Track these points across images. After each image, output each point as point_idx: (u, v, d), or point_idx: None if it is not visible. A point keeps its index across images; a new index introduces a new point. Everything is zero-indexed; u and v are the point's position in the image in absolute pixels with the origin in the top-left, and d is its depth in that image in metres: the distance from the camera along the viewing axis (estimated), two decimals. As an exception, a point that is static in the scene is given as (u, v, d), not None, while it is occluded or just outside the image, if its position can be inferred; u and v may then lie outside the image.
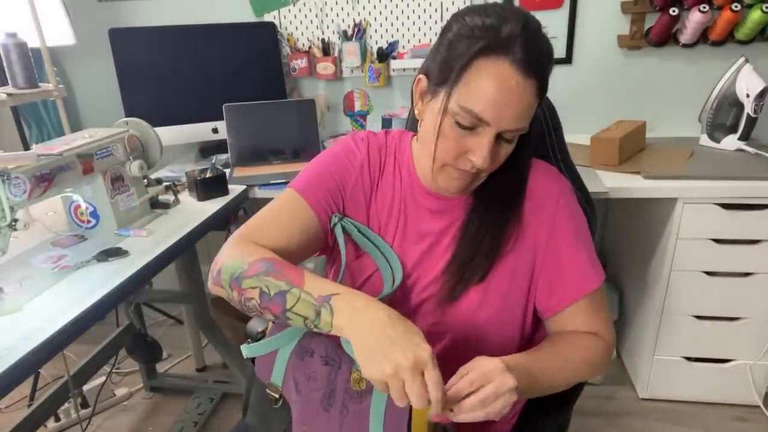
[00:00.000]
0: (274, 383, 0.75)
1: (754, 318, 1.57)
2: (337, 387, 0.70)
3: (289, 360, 0.74)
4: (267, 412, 0.76)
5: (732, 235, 1.49)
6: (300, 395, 0.72)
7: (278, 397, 0.75)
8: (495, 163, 0.73)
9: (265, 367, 0.76)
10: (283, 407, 0.75)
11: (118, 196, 1.29)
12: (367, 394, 0.68)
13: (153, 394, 1.96)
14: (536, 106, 0.70)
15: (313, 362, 0.73)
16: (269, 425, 0.76)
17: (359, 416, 0.68)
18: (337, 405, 0.70)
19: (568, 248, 0.81)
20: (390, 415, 0.66)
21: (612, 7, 1.86)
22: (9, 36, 1.59)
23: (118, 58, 1.85)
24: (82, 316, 0.93)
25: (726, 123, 1.69)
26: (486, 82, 0.66)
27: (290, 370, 0.74)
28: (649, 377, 1.72)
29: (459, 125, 0.70)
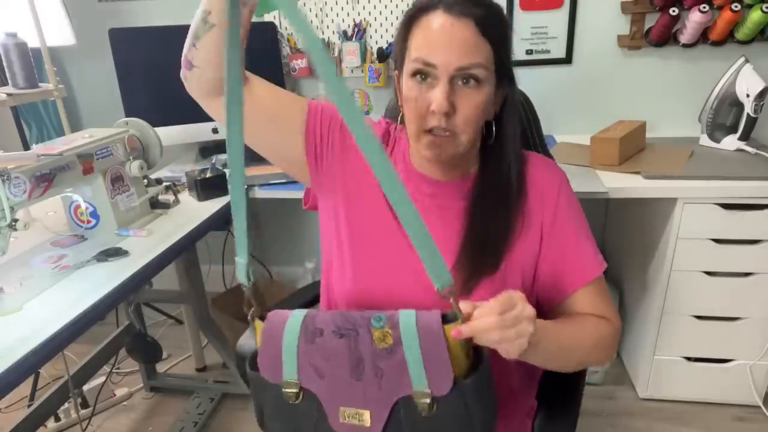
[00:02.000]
0: (288, 380, 0.69)
1: (754, 318, 1.57)
2: (362, 354, 0.66)
3: (297, 349, 0.69)
4: (289, 412, 0.70)
5: (732, 235, 1.49)
6: (324, 378, 0.68)
7: (298, 391, 0.69)
8: (463, 114, 0.73)
9: (273, 368, 0.70)
10: (306, 400, 0.69)
11: (118, 196, 1.29)
12: (398, 346, 0.65)
13: (153, 394, 1.95)
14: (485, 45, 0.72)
15: (326, 341, 0.68)
16: (297, 425, 0.71)
17: (396, 370, 0.65)
18: (368, 371, 0.66)
19: (571, 235, 0.83)
20: (427, 355, 0.63)
21: (612, 7, 1.86)
22: (9, 36, 1.59)
23: (118, 58, 1.84)
24: (82, 316, 0.93)
25: (726, 123, 1.69)
26: (424, 31, 0.73)
27: (303, 359, 0.69)
28: (649, 377, 1.72)
29: (415, 79, 0.74)
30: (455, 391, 0.63)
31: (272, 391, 0.71)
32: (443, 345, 0.63)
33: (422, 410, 0.64)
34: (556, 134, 1.96)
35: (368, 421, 0.66)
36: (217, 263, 2.30)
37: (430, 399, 0.63)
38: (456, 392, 0.63)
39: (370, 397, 0.66)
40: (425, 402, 0.63)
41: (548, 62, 1.93)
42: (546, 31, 1.91)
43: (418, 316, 0.65)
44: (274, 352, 0.70)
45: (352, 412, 0.67)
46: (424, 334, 0.63)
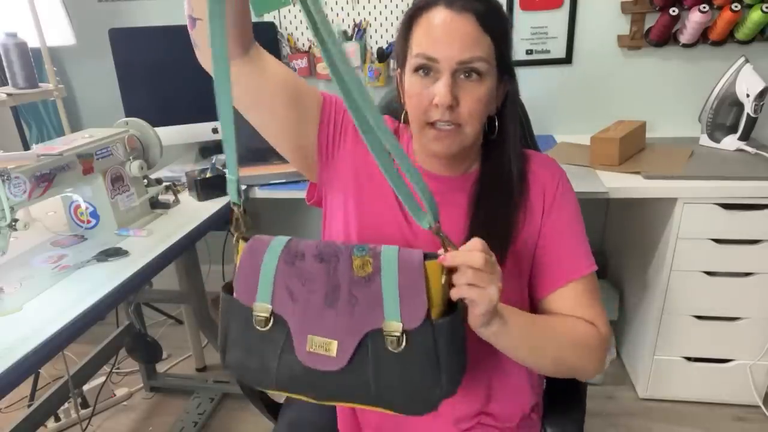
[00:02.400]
0: (261, 302, 0.67)
1: (754, 318, 1.57)
2: (339, 280, 0.65)
3: (276, 270, 0.67)
4: (255, 339, 0.67)
5: (732, 235, 1.49)
6: (297, 302, 0.66)
7: (268, 316, 0.66)
8: (466, 107, 0.74)
9: (248, 288, 0.68)
10: (276, 327, 0.66)
11: (118, 196, 1.29)
12: (376, 275, 0.64)
13: (153, 394, 1.96)
14: (486, 40, 0.73)
15: (305, 264, 0.66)
16: (260, 353, 0.67)
17: (371, 300, 0.64)
18: (343, 298, 0.64)
19: (566, 232, 0.83)
20: (405, 287, 0.63)
21: (612, 7, 1.86)
22: (9, 36, 1.59)
23: (118, 58, 1.84)
24: (82, 316, 0.93)
25: (726, 123, 1.69)
26: (425, 27, 0.74)
27: (280, 280, 0.66)
28: (649, 377, 1.72)
29: (418, 74, 0.75)
30: (426, 327, 0.62)
31: (242, 315, 0.68)
32: (422, 279, 0.62)
33: (390, 345, 0.62)
34: (556, 134, 1.96)
35: (335, 351, 0.64)
36: (217, 263, 2.30)
37: (401, 332, 0.62)
38: (427, 328, 0.62)
39: (340, 326, 0.64)
40: (395, 336, 0.62)
41: (548, 62, 1.93)
42: (546, 31, 1.91)
43: (401, 250, 0.65)
44: (251, 273, 0.68)
45: (320, 341, 0.65)
46: (405, 266, 0.63)
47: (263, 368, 0.67)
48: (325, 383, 0.65)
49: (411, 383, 0.63)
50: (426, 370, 0.63)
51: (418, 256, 0.63)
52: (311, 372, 0.65)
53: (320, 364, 0.64)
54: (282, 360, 0.66)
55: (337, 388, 0.66)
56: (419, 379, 0.63)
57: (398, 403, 0.65)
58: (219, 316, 0.70)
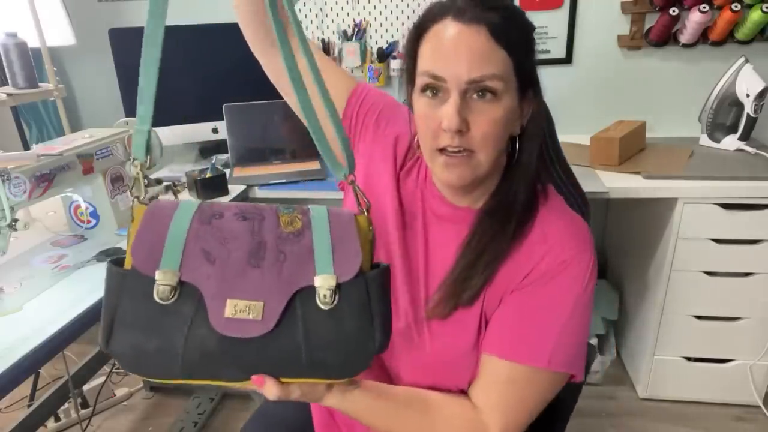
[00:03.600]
0: (166, 269, 0.56)
1: (754, 318, 1.57)
2: (265, 238, 0.58)
3: (188, 231, 0.57)
4: (154, 315, 0.56)
5: (732, 235, 1.49)
6: (215, 264, 0.57)
7: (175, 285, 0.55)
8: (479, 130, 0.67)
9: (149, 255, 0.56)
10: (183, 299, 0.56)
11: (118, 196, 1.29)
12: (306, 230, 0.59)
13: (153, 394, 1.96)
14: (500, 54, 0.65)
15: (225, 222, 0.59)
16: (161, 331, 0.56)
17: (301, 255, 0.58)
18: (269, 256, 0.57)
19: (539, 311, 0.71)
20: (337, 239, 0.59)
21: (612, 7, 1.86)
22: (9, 36, 1.60)
23: (118, 58, 1.84)
24: (82, 316, 0.93)
25: (726, 123, 1.69)
26: (432, 42, 0.68)
27: (193, 242, 0.57)
28: (649, 377, 1.72)
29: (425, 95, 0.69)
30: (360, 279, 0.58)
31: (138, 289, 0.56)
32: (354, 230, 0.60)
33: (323, 302, 0.57)
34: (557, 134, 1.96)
35: (260, 313, 0.56)
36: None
37: (334, 287, 0.57)
38: (360, 279, 0.58)
39: (266, 286, 0.57)
40: (327, 291, 0.57)
41: (548, 62, 1.93)
42: (546, 31, 1.91)
43: (329, 207, 0.62)
44: (154, 236, 0.57)
45: (243, 305, 0.56)
46: (336, 219, 0.60)
47: (165, 349, 0.55)
48: (247, 354, 0.56)
49: (345, 340, 0.58)
50: (361, 323, 0.58)
51: (349, 211, 0.62)
52: (229, 343, 0.55)
53: (242, 330, 0.55)
54: (191, 335, 0.55)
55: (262, 359, 0.57)
56: (354, 334, 0.58)
57: (332, 363, 0.59)
58: (104, 297, 0.56)
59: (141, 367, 0.57)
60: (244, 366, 0.57)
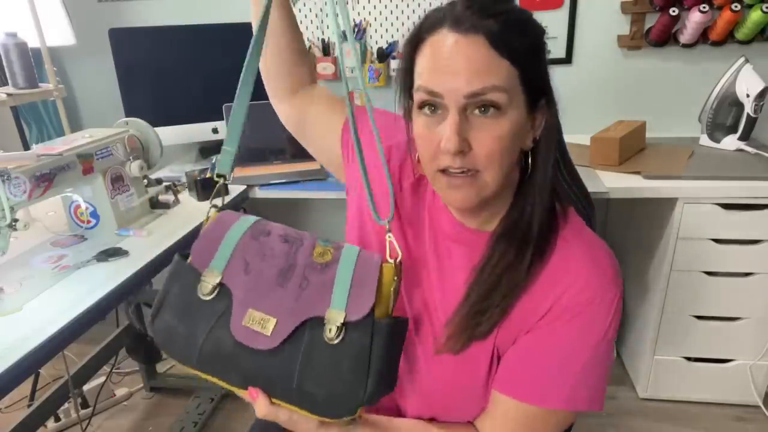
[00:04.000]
0: (213, 268, 0.64)
1: (754, 318, 1.57)
2: (297, 262, 0.63)
3: (239, 241, 0.65)
4: (191, 307, 0.63)
5: (732, 235, 1.49)
6: (249, 274, 0.63)
7: (216, 285, 0.63)
8: (483, 149, 0.61)
9: (204, 254, 0.65)
10: (219, 299, 0.63)
11: (118, 196, 1.29)
12: (334, 264, 0.63)
13: (153, 394, 1.96)
14: (502, 63, 0.59)
15: (269, 240, 0.65)
16: (193, 321, 0.63)
17: (321, 286, 0.62)
18: (295, 279, 0.62)
19: (558, 351, 0.65)
20: (357, 281, 0.62)
21: (612, 7, 1.86)
22: (9, 36, 1.60)
23: (118, 58, 1.85)
24: (82, 316, 0.93)
25: (726, 123, 1.69)
26: (428, 55, 0.62)
27: (239, 252, 0.65)
28: (649, 377, 1.72)
29: (423, 112, 0.63)
30: (367, 322, 0.60)
31: (188, 279, 0.65)
32: (375, 275, 0.62)
33: (327, 335, 0.60)
34: (557, 134, 1.96)
35: (270, 329, 0.61)
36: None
37: (342, 323, 0.59)
38: (367, 323, 0.60)
39: (284, 305, 0.61)
40: (335, 326, 0.59)
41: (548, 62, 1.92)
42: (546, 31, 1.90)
43: (362, 249, 0.65)
44: (213, 240, 0.66)
45: (259, 317, 0.61)
46: (362, 262, 0.63)
47: (189, 338, 0.63)
48: (249, 364, 0.61)
49: (336, 380, 0.60)
50: (356, 368, 0.59)
51: (378, 256, 0.64)
52: (239, 349, 0.61)
53: (252, 340, 0.60)
54: (212, 333, 0.62)
55: (261, 372, 0.61)
56: (346, 376, 0.59)
57: (319, 399, 0.60)
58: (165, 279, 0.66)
59: (168, 347, 0.65)
60: (245, 374, 0.62)
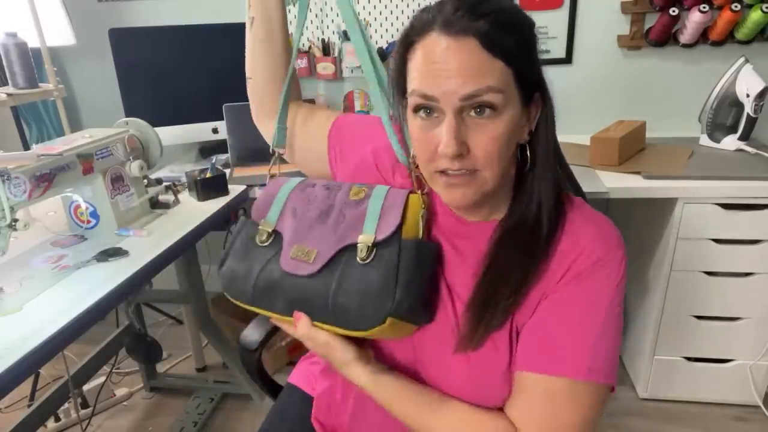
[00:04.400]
0: (268, 219, 0.77)
1: (754, 318, 1.57)
2: (335, 202, 0.74)
3: (289, 194, 0.78)
4: (251, 250, 0.76)
5: (732, 235, 1.49)
6: (296, 218, 0.75)
7: (270, 231, 0.76)
8: (481, 150, 0.61)
9: (262, 209, 0.78)
10: (273, 242, 0.75)
11: (118, 196, 1.29)
12: (366, 199, 0.73)
13: (153, 394, 1.96)
14: (496, 63, 0.59)
15: (314, 190, 0.77)
16: (251, 261, 0.75)
17: (355, 218, 0.71)
18: (333, 216, 0.73)
19: (575, 317, 0.65)
20: (386, 209, 0.70)
21: (612, 7, 1.86)
22: (9, 36, 1.60)
23: (118, 58, 1.84)
24: (82, 316, 0.93)
25: (726, 123, 1.69)
26: (420, 60, 0.62)
27: (290, 202, 0.77)
28: (649, 377, 1.72)
29: (418, 115, 0.63)
30: (394, 241, 0.68)
31: (248, 231, 0.78)
32: (402, 202, 0.70)
33: (359, 257, 0.68)
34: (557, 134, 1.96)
35: (312, 258, 0.70)
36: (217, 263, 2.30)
37: (372, 243, 0.68)
38: (395, 241, 0.68)
39: (324, 238, 0.71)
40: (366, 247, 0.68)
41: (548, 62, 1.93)
42: (546, 31, 1.91)
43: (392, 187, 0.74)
44: (268, 197, 0.79)
45: (304, 249, 0.72)
46: (392, 194, 0.72)
47: (246, 276, 0.74)
48: (293, 289, 0.71)
49: (366, 291, 0.66)
50: (385, 280, 0.66)
51: (405, 190, 0.73)
52: (285, 278, 0.71)
53: (296, 268, 0.71)
54: (264, 270, 0.73)
55: (301, 295, 0.70)
56: (375, 287, 0.66)
57: (350, 310, 0.67)
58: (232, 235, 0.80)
59: (229, 287, 0.77)
60: (289, 299, 0.71)
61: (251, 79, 0.90)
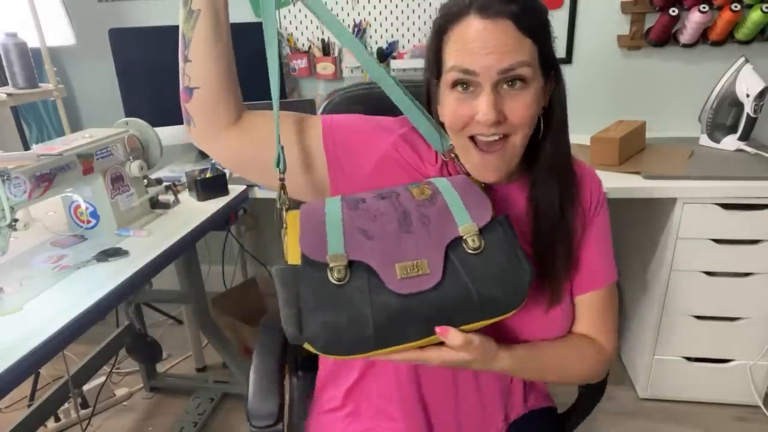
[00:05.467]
0: (334, 252, 0.65)
1: (754, 318, 1.57)
2: (407, 207, 0.70)
3: (342, 218, 0.68)
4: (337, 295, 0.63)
5: (732, 235, 1.49)
6: (374, 239, 0.67)
7: (346, 265, 0.64)
8: (515, 117, 0.70)
9: (316, 245, 0.66)
10: (356, 274, 0.64)
11: (118, 196, 1.29)
12: (437, 195, 0.71)
13: (153, 394, 1.95)
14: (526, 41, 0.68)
15: (369, 205, 0.70)
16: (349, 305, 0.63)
17: (441, 214, 0.69)
18: (416, 221, 0.69)
19: (602, 241, 0.83)
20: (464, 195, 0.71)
21: (612, 7, 1.86)
22: (9, 36, 1.60)
23: (118, 58, 1.84)
24: (82, 316, 0.93)
25: (726, 123, 1.69)
26: (458, 40, 0.69)
27: (349, 225, 0.67)
28: (649, 377, 1.72)
29: (456, 89, 0.70)
30: (495, 222, 0.69)
31: (315, 276, 0.64)
32: (476, 187, 0.73)
33: (471, 248, 0.67)
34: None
35: (427, 268, 0.65)
36: (217, 263, 2.30)
37: (477, 231, 0.68)
38: (495, 222, 0.69)
39: (422, 245, 0.67)
40: (473, 236, 0.67)
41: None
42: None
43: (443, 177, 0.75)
44: (316, 229, 0.67)
45: (410, 265, 0.65)
46: (456, 182, 0.73)
47: (357, 318, 0.62)
48: (425, 306, 0.64)
49: (503, 273, 0.66)
50: (509, 257, 0.67)
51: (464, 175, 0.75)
52: (409, 300, 0.63)
53: (417, 285, 0.64)
54: (374, 302, 0.63)
55: (440, 305, 0.64)
56: (507, 266, 0.67)
57: (500, 296, 0.66)
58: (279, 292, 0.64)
59: (336, 345, 0.63)
60: (425, 319, 0.64)
61: (198, 89, 0.74)
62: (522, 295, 0.67)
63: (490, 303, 0.65)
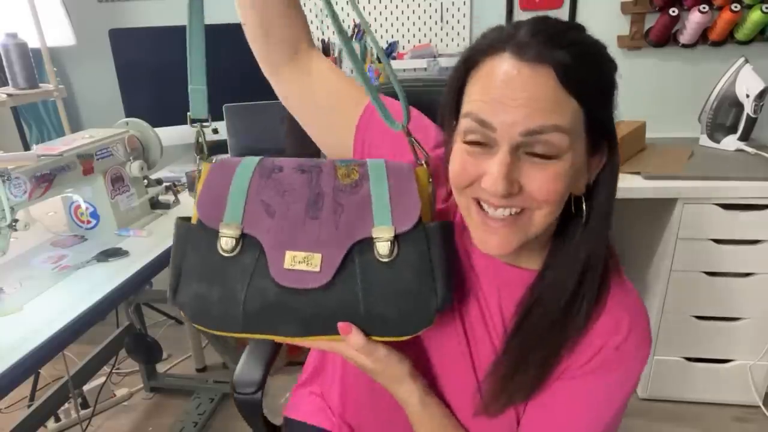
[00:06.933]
0: (229, 221, 0.58)
1: (754, 318, 1.57)
2: (323, 189, 0.59)
3: (250, 184, 0.59)
4: (218, 266, 0.57)
5: (732, 235, 1.49)
6: (274, 217, 0.58)
7: (238, 237, 0.57)
8: (535, 187, 0.53)
9: (213, 207, 0.59)
10: (246, 250, 0.57)
11: (119, 196, 1.29)
12: (364, 180, 0.59)
13: (153, 394, 1.95)
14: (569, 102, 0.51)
15: (284, 175, 0.60)
16: (225, 281, 0.57)
17: (358, 207, 0.58)
18: (327, 207, 0.58)
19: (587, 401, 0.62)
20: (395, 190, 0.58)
21: (612, 7, 1.86)
22: (9, 36, 1.60)
23: (118, 58, 1.84)
24: (82, 316, 0.93)
25: (726, 123, 1.69)
26: (484, 80, 0.54)
27: (254, 195, 0.59)
28: (649, 377, 1.72)
29: (467, 142, 0.55)
30: (419, 230, 0.57)
31: (203, 241, 0.58)
32: (413, 182, 0.59)
33: (380, 253, 0.56)
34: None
35: (318, 265, 0.56)
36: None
37: (392, 238, 0.56)
38: (420, 231, 0.57)
39: (324, 238, 0.57)
40: (386, 243, 0.56)
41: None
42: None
43: (387, 160, 0.61)
44: (219, 193, 0.60)
45: (301, 256, 0.56)
46: (394, 171, 0.60)
47: (228, 298, 0.56)
48: (305, 306, 0.56)
49: (405, 294, 0.56)
50: (421, 276, 0.56)
51: (408, 164, 0.61)
52: (288, 294, 0.56)
53: (300, 281, 0.56)
54: (252, 285, 0.56)
55: (319, 311, 0.56)
56: (414, 287, 0.56)
57: (391, 318, 0.56)
58: (172, 250, 0.60)
59: (204, 318, 0.58)
60: (301, 319, 0.57)
61: (245, 26, 0.71)
62: (422, 323, 0.57)
63: (378, 322, 0.57)
